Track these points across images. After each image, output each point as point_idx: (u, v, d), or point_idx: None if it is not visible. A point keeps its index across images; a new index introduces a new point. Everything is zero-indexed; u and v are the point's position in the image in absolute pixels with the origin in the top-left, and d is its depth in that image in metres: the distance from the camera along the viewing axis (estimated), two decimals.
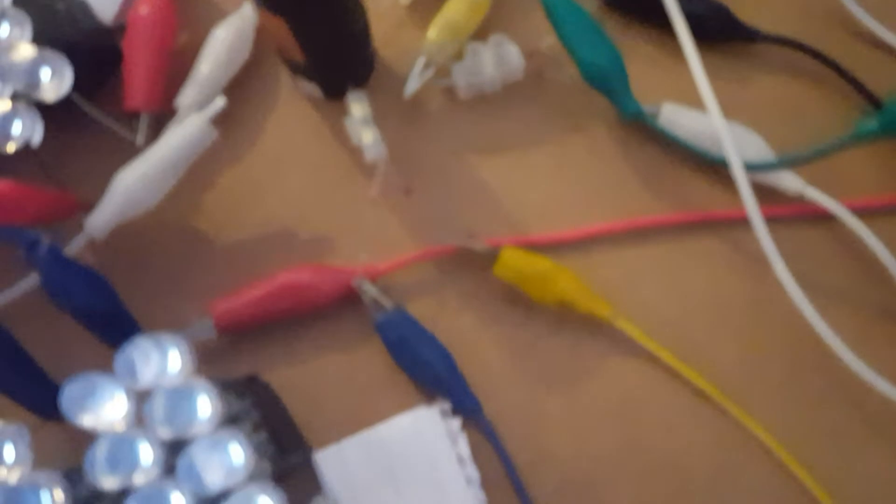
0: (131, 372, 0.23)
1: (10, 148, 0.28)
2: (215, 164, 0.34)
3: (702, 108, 0.32)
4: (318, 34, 0.29)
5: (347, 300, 0.32)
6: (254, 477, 0.24)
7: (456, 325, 0.32)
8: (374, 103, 0.33)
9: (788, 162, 0.32)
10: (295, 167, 0.34)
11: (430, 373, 0.31)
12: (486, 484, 0.30)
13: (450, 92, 0.35)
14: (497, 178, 0.34)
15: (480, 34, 0.35)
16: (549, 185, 0.34)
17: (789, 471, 0.30)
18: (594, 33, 0.32)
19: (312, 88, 0.34)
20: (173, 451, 0.24)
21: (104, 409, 0.23)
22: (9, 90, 0.28)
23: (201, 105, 0.32)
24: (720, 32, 0.35)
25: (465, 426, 0.30)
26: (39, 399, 0.28)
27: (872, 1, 0.35)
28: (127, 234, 0.31)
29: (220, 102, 0.30)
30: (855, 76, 0.34)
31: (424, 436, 0.30)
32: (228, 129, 0.33)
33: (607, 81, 0.32)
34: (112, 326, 0.27)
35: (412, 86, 0.34)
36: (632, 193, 0.34)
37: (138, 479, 0.23)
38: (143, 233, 0.32)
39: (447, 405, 0.31)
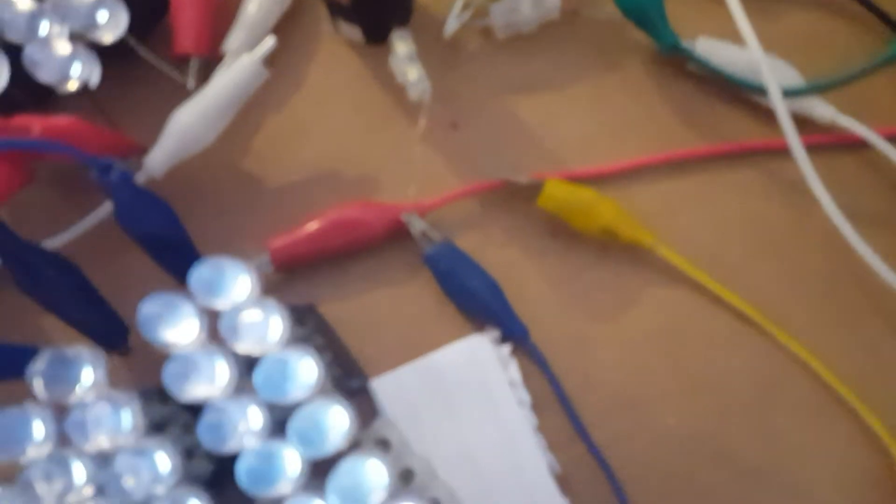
0: (207, 290, 0.24)
1: (72, 86, 0.29)
2: (261, 108, 0.34)
3: (735, 42, 0.33)
4: None
5: (396, 235, 0.32)
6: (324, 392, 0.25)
7: (502, 256, 0.33)
8: (415, 44, 0.34)
9: (820, 87, 0.32)
10: (339, 109, 0.35)
11: (478, 302, 0.32)
12: (537, 406, 0.31)
13: (487, 32, 0.36)
14: (536, 115, 0.35)
15: None
16: (587, 121, 0.35)
17: (830, 387, 0.31)
18: None
19: (353, 32, 0.35)
20: (248, 367, 0.25)
21: (181, 326, 0.24)
22: (66, 31, 0.29)
23: (249, 48, 0.33)
24: None
25: (514, 352, 0.31)
26: (105, 331, 0.29)
27: None
28: (181, 176, 0.32)
29: (270, 42, 0.31)
30: (881, 7, 0.35)
31: (476, 362, 0.31)
32: (273, 74, 0.34)
33: (644, 13, 0.33)
34: (179, 256, 0.27)
35: (451, 26, 0.34)
36: (668, 127, 0.35)
37: (214, 393, 0.24)
38: (196, 174, 0.33)
39: (496, 333, 0.32)
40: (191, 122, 0.30)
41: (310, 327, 0.29)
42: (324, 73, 0.36)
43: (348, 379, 0.29)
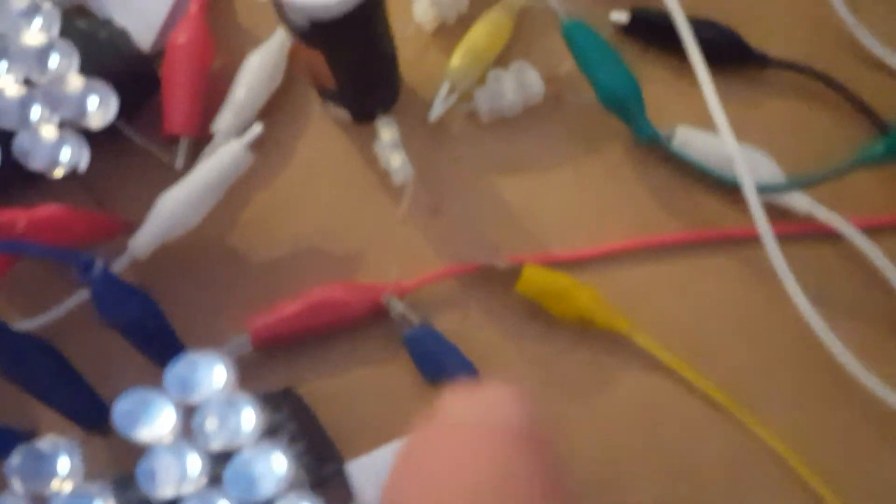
0: (181, 387, 0.25)
1: (59, 173, 0.29)
2: (250, 185, 0.35)
3: (715, 132, 0.33)
4: (351, 64, 0.31)
5: (377, 315, 0.33)
6: (294, 486, 0.26)
7: (481, 338, 0.33)
8: (401, 126, 0.35)
9: (797, 184, 0.33)
10: (326, 187, 0.36)
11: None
12: None
13: (473, 115, 0.36)
14: (518, 197, 0.36)
15: (502, 60, 0.36)
16: (569, 204, 0.36)
17: (800, 476, 0.31)
18: (611, 59, 0.33)
19: (342, 113, 0.36)
20: (219, 461, 0.25)
21: (155, 422, 0.25)
22: (57, 118, 0.30)
23: (237, 129, 0.34)
24: (732, 58, 0.36)
25: None
26: (85, 412, 0.30)
27: (880, 27, 0.37)
28: (167, 252, 0.33)
29: (257, 129, 0.31)
30: (862, 100, 0.36)
31: None
32: (262, 151, 0.35)
33: (624, 106, 0.33)
34: (158, 344, 0.28)
35: (437, 111, 0.35)
36: (647, 212, 0.35)
37: (187, 489, 0.25)
38: (183, 250, 0.33)
39: None
40: (176, 206, 0.31)
41: (285, 413, 0.29)
42: (312, 150, 0.36)
43: (322, 465, 0.29)
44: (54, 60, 0.29)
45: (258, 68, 0.34)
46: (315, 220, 0.35)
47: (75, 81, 0.29)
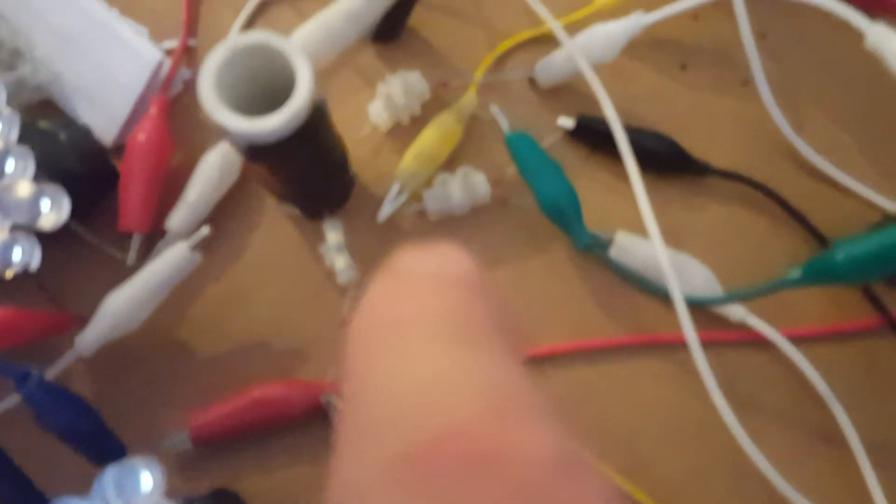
0: (110, 493, 0.26)
1: (9, 274, 0.31)
2: (202, 278, 0.36)
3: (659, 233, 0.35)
4: (295, 176, 0.32)
5: (317, 413, 0.34)
6: None
7: None
8: (352, 221, 0.36)
9: (727, 299, 0.34)
10: (275, 283, 0.37)
11: None
12: None
13: (422, 214, 0.37)
14: None
15: (452, 161, 0.38)
16: (511, 304, 0.36)
17: None
18: (551, 170, 0.35)
19: (293, 209, 0.37)
20: None
21: None
22: (9, 222, 0.31)
23: (190, 226, 0.35)
24: (672, 165, 0.38)
25: None
26: None
27: (818, 137, 0.38)
28: (114, 346, 0.34)
29: (204, 231, 0.33)
30: (801, 211, 0.37)
31: None
32: (215, 245, 0.36)
33: (562, 215, 0.34)
34: (96, 447, 0.29)
35: (386, 211, 0.36)
36: (588, 314, 0.36)
37: None
38: (129, 345, 0.34)
39: None
40: (121, 307, 0.32)
41: None
42: (264, 245, 0.37)
43: None
44: (10, 166, 0.31)
45: (214, 166, 0.36)
46: (263, 315, 0.36)
47: (25, 189, 0.30)
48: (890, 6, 0.38)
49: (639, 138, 0.37)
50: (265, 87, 0.29)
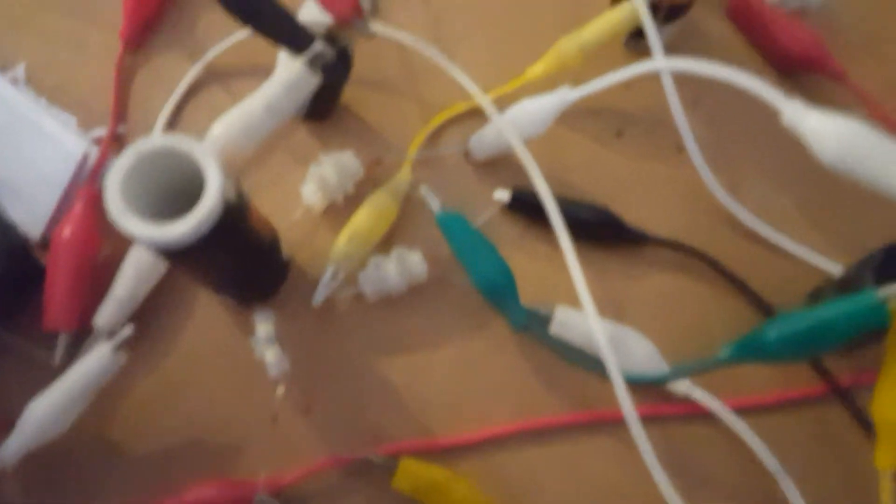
0: None
1: None
2: (131, 373, 0.35)
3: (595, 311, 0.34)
4: (218, 271, 0.31)
5: None
6: None
7: None
8: (288, 305, 0.36)
9: (663, 379, 0.33)
10: (207, 377, 0.36)
11: None
12: None
13: (360, 295, 0.37)
14: (404, 378, 0.36)
15: (389, 239, 0.37)
16: (453, 385, 0.36)
17: None
18: (484, 249, 0.34)
19: (226, 298, 0.36)
20: None
21: None
22: None
23: (120, 321, 0.34)
24: (609, 236, 0.37)
25: None
26: None
27: (755, 201, 0.38)
28: (43, 449, 0.32)
29: (126, 331, 0.32)
30: (741, 276, 0.37)
31: None
32: (144, 339, 0.35)
33: (497, 296, 0.34)
34: None
35: (320, 295, 0.36)
36: (531, 392, 0.36)
37: None
38: (58, 446, 0.33)
39: None
40: (45, 413, 0.30)
41: None
42: (196, 335, 0.36)
43: None
44: None
45: (142, 259, 0.35)
46: (195, 411, 0.35)
47: None
48: (821, 66, 0.39)
49: (574, 210, 0.36)
50: (183, 185, 0.28)
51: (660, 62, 0.34)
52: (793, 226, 0.38)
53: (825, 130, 0.27)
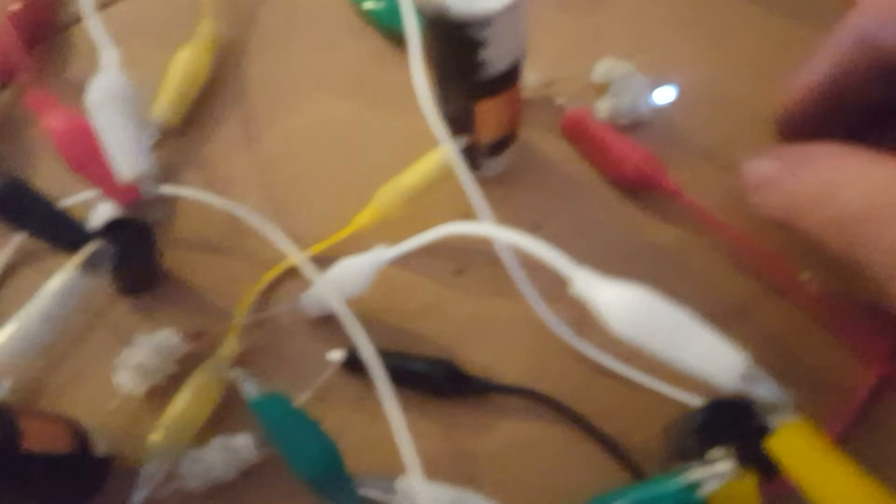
0: None
1: None
2: None
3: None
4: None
5: None
6: None
7: None
8: None
9: None
10: None
11: None
12: None
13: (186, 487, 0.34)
14: None
15: (218, 419, 0.35)
16: None
17: None
18: (304, 434, 0.31)
19: None
20: None
21: None
22: None
23: None
24: (452, 387, 0.35)
25: None
26: None
27: (601, 334, 0.36)
28: None
29: None
30: (590, 417, 0.34)
31: None
32: None
33: (320, 487, 0.31)
34: None
35: (139, 497, 0.33)
36: None
37: None
38: None
39: None
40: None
41: None
42: None
43: None
44: None
45: None
46: None
47: None
48: (655, 183, 0.37)
49: (413, 365, 0.34)
50: None
51: (456, 226, 0.31)
52: (644, 358, 0.36)
53: (617, 302, 0.26)
